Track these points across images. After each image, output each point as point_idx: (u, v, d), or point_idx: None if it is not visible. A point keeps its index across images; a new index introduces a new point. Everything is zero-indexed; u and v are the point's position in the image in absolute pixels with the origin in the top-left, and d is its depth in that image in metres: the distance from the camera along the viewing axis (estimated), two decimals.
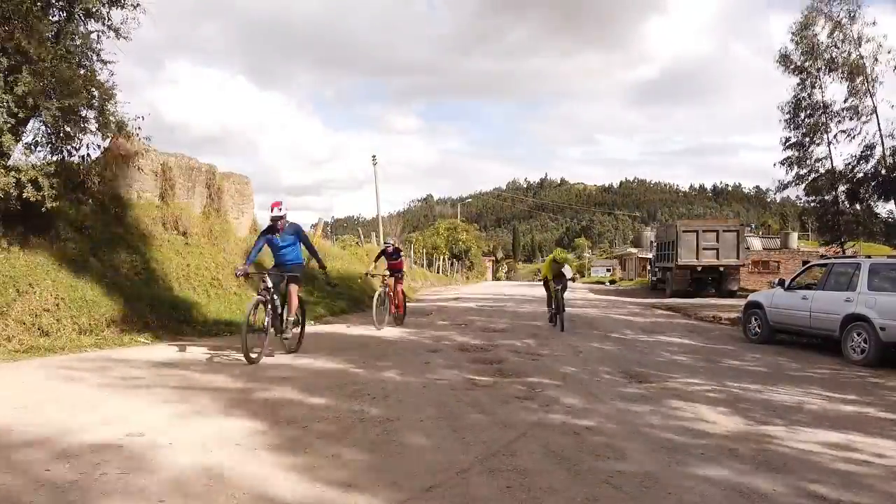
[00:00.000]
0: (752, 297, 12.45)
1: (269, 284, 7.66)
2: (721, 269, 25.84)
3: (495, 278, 70.23)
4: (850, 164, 22.96)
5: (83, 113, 8.66)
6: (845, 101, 22.88)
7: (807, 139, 24.12)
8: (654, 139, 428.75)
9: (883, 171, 21.75)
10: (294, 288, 7.97)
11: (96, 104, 8.75)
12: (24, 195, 7.90)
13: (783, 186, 25.34)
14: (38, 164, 8.42)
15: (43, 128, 8.60)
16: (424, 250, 45.65)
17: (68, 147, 8.82)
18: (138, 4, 9.01)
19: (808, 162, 24.28)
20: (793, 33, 23.48)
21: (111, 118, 8.88)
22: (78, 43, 8.78)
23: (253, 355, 7.28)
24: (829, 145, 23.73)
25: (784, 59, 23.80)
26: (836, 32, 22.50)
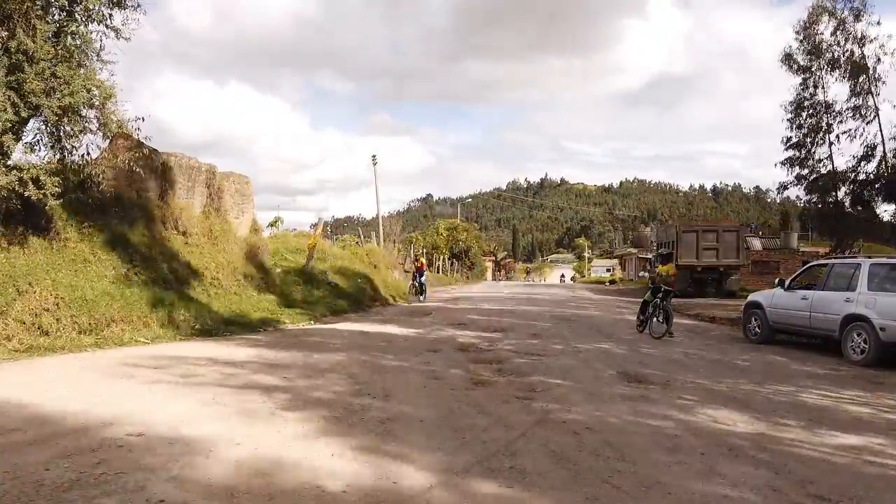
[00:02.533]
0: (752, 297, 12.41)
1: None
2: (721, 269, 25.82)
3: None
4: (851, 164, 23.07)
5: (83, 112, 8.64)
6: (847, 101, 23.00)
7: (808, 139, 24.23)
8: (628, 146, 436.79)
9: (886, 174, 21.82)
10: None
11: (96, 103, 8.74)
12: (27, 193, 7.90)
13: (784, 187, 25.45)
14: (40, 163, 8.41)
15: (43, 127, 8.59)
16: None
17: (68, 146, 8.80)
18: (138, 5, 9.02)
19: (809, 162, 24.39)
20: (797, 31, 23.61)
21: (111, 117, 8.87)
22: (78, 43, 8.76)
23: None
24: (830, 146, 23.82)
25: (787, 59, 23.95)
26: (840, 30, 22.62)
